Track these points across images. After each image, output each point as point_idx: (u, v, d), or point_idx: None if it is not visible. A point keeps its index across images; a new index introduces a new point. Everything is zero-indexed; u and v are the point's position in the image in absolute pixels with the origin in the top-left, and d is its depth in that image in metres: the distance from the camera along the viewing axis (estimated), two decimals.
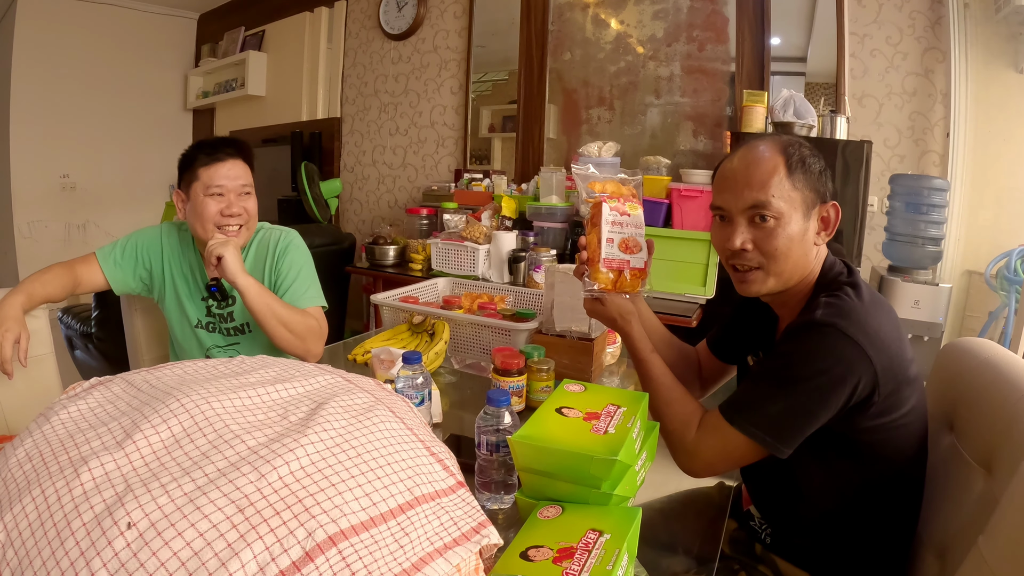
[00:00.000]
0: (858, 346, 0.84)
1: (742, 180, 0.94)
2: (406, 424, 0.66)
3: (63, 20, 4.54)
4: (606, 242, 1.08)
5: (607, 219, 1.09)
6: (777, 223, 0.92)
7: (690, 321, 2.20)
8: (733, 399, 0.92)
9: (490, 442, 0.88)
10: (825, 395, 0.85)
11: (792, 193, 0.92)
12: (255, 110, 4.71)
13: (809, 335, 0.87)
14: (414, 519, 0.55)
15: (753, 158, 0.95)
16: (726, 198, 0.96)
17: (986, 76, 2.36)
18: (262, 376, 0.70)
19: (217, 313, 1.56)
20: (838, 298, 0.90)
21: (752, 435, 0.87)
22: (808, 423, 0.86)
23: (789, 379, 0.87)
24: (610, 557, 0.63)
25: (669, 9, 2.95)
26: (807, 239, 0.94)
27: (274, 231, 1.60)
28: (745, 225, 0.95)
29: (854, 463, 0.92)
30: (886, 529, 0.95)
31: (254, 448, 0.55)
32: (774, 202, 0.91)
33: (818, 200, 0.94)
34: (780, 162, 0.92)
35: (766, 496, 1.06)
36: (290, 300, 1.49)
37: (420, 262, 2.91)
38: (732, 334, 1.20)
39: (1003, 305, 2.23)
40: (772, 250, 0.93)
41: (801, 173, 0.92)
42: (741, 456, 0.90)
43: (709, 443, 0.92)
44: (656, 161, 2.73)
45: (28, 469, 0.56)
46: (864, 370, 0.84)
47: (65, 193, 4.73)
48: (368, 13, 4.00)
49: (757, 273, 0.96)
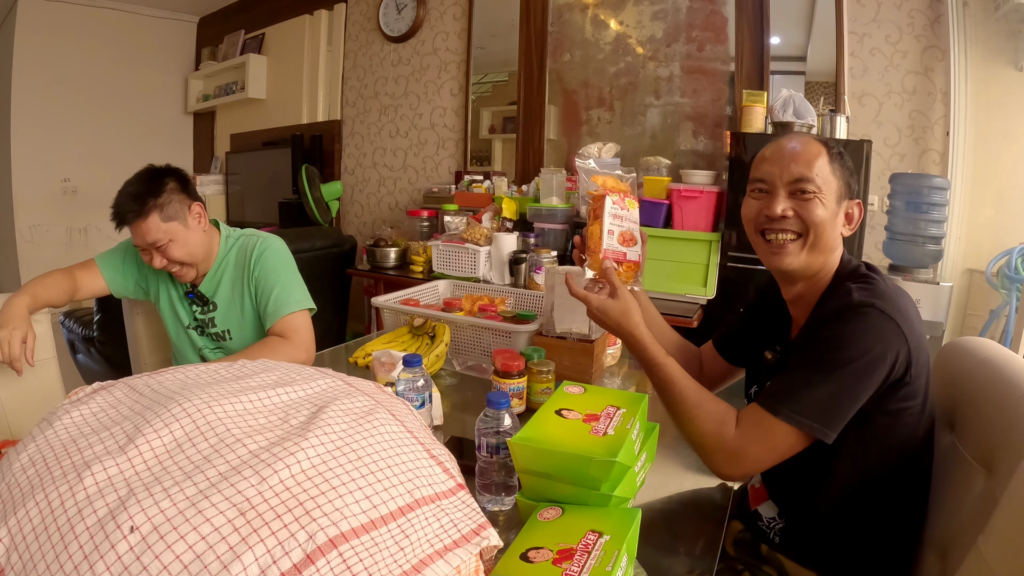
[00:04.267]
0: (896, 325, 0.87)
1: (788, 156, 0.99)
2: (406, 427, 0.67)
3: (63, 25, 4.55)
4: (607, 233, 1.11)
5: (609, 211, 1.12)
6: (817, 197, 0.96)
7: (691, 322, 2.20)
8: (772, 391, 0.92)
9: (490, 444, 0.88)
10: (868, 375, 0.86)
11: (831, 178, 0.97)
12: (255, 113, 4.72)
13: (849, 317, 0.89)
14: (414, 521, 0.56)
15: (800, 141, 1.00)
16: (770, 171, 1.00)
17: (986, 74, 2.36)
18: (263, 380, 0.70)
19: (200, 318, 1.57)
20: (870, 282, 0.94)
21: (799, 424, 0.87)
22: (853, 404, 0.88)
23: (832, 363, 0.87)
24: (609, 558, 0.64)
25: (668, 9, 2.95)
26: (836, 224, 0.99)
27: (251, 238, 1.59)
28: (786, 196, 0.99)
29: (872, 448, 0.93)
30: (893, 525, 0.96)
31: (255, 452, 0.56)
32: (817, 179, 0.96)
33: (848, 194, 0.99)
34: (824, 150, 0.98)
35: (785, 487, 1.05)
36: (275, 309, 1.50)
37: (421, 264, 2.91)
38: (743, 334, 1.21)
39: (1004, 303, 2.23)
40: (812, 218, 0.97)
41: (839, 164, 0.99)
42: (788, 447, 0.90)
43: (753, 438, 0.90)
44: (656, 161, 2.73)
45: (32, 474, 0.56)
46: (901, 348, 0.87)
47: (66, 197, 4.74)
48: (368, 15, 4.00)
49: (794, 244, 0.99)
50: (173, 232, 1.44)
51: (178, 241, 1.45)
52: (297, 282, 1.56)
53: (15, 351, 1.24)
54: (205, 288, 1.55)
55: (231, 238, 1.58)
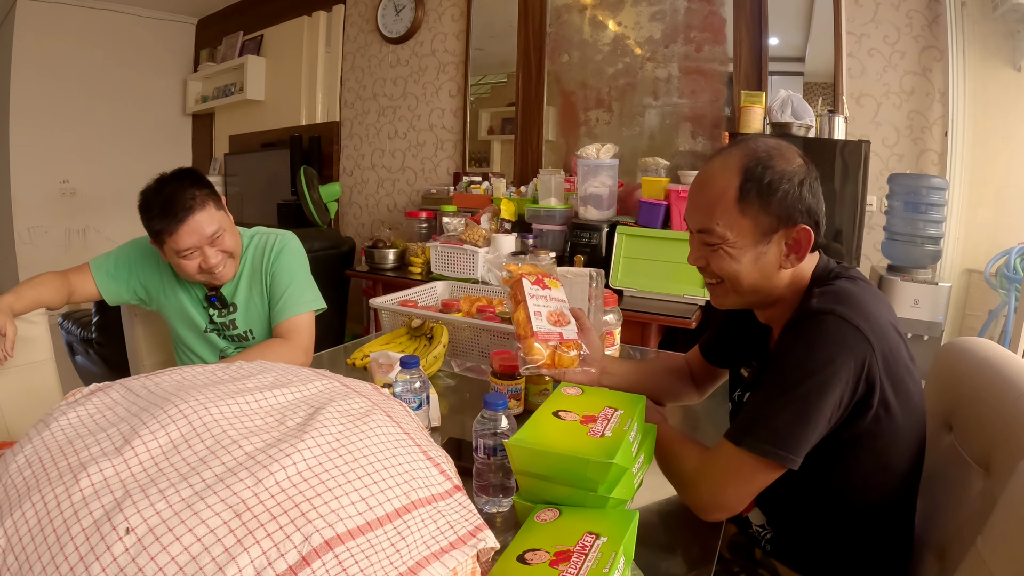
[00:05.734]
0: (859, 331, 0.81)
1: (694, 199, 0.94)
2: (403, 428, 0.67)
3: (62, 26, 4.55)
4: (534, 315, 1.08)
5: (529, 293, 1.10)
6: (722, 248, 0.91)
7: (689, 323, 2.20)
8: (738, 421, 0.88)
9: (487, 446, 0.88)
10: (831, 389, 0.81)
11: (741, 220, 0.88)
12: (254, 114, 4.72)
13: (807, 326, 0.84)
14: (410, 523, 0.55)
15: (705, 178, 0.93)
16: (686, 214, 0.97)
17: (984, 74, 2.36)
18: (260, 381, 0.70)
19: (219, 321, 1.56)
20: (832, 286, 0.88)
21: (765, 453, 0.82)
22: (816, 424, 0.82)
23: (792, 382, 0.82)
24: (607, 560, 0.63)
25: (666, 10, 2.95)
26: (764, 264, 0.91)
27: (269, 236, 1.58)
28: (698, 244, 0.95)
29: (859, 465, 0.90)
30: (886, 532, 0.95)
31: (251, 453, 0.56)
32: (718, 229, 0.90)
33: (780, 225, 0.89)
34: (733, 185, 0.88)
35: (770, 499, 1.05)
36: (285, 306, 1.49)
37: (420, 265, 2.91)
38: (724, 341, 1.19)
39: (1003, 303, 2.23)
40: (719, 271, 0.93)
41: (756, 197, 0.87)
42: (762, 480, 0.85)
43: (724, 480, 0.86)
44: (655, 162, 2.73)
45: (28, 475, 0.56)
46: (869, 356, 0.81)
47: (65, 199, 4.74)
48: (366, 17, 4.00)
49: (720, 287, 0.96)
50: (225, 221, 1.43)
51: (229, 230, 1.45)
52: (309, 282, 1.56)
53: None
54: (225, 290, 1.53)
55: (245, 236, 1.57)
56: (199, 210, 1.36)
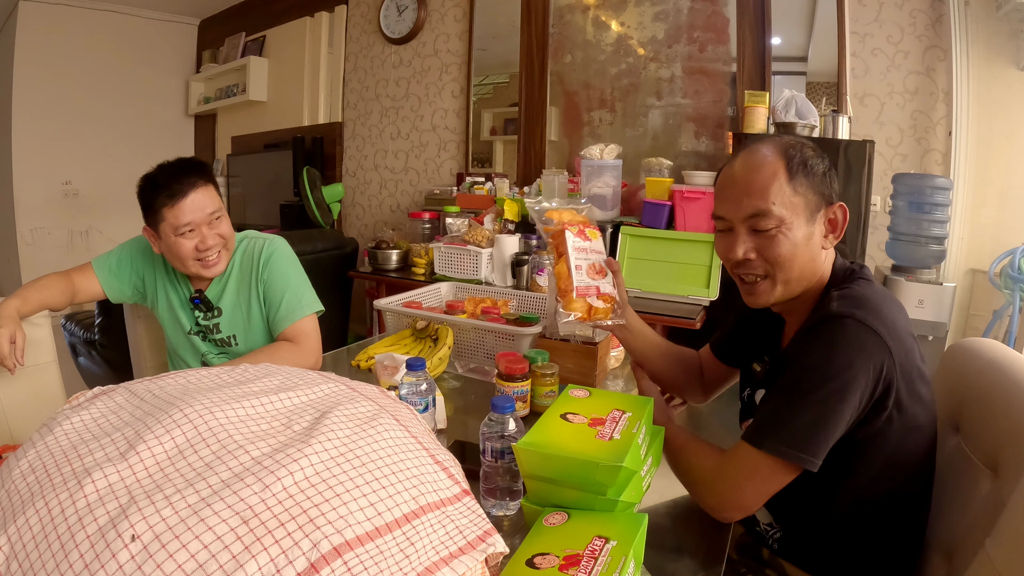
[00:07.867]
0: (878, 335, 0.82)
1: (741, 188, 0.92)
2: (410, 432, 0.66)
3: (64, 27, 4.56)
4: (575, 269, 1.08)
5: (572, 245, 1.09)
6: (779, 230, 0.90)
7: (693, 323, 2.19)
8: (757, 422, 0.88)
9: (495, 449, 0.88)
10: (850, 393, 0.81)
11: (794, 198, 0.90)
12: (256, 115, 4.72)
13: (827, 330, 0.85)
14: (419, 528, 0.55)
15: (752, 164, 0.92)
16: (726, 207, 0.95)
17: (988, 74, 2.35)
18: (265, 385, 0.70)
19: (204, 324, 1.55)
20: (851, 290, 0.89)
21: (784, 455, 0.83)
22: (836, 427, 0.83)
23: (812, 384, 0.83)
24: (616, 564, 0.63)
25: (669, 10, 2.95)
26: (813, 243, 0.92)
27: (257, 240, 1.57)
28: (746, 234, 0.93)
29: (870, 465, 0.90)
30: (896, 533, 0.94)
31: (258, 459, 0.55)
32: (775, 209, 0.89)
33: (823, 203, 0.92)
34: (780, 166, 0.90)
35: (778, 498, 1.04)
36: (286, 314, 1.49)
37: (423, 266, 2.90)
38: (736, 339, 1.19)
39: (1007, 303, 2.22)
40: (776, 257, 0.91)
41: (803, 176, 0.90)
42: (780, 480, 0.85)
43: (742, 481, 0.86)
44: (658, 163, 2.73)
45: (32, 481, 0.55)
46: (886, 360, 0.82)
47: (67, 200, 4.75)
48: (368, 17, 4.00)
49: (764, 283, 0.94)
50: (223, 208, 1.47)
51: (226, 218, 1.47)
52: (305, 285, 1.55)
53: (3, 350, 1.24)
54: (211, 293, 1.53)
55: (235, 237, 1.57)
56: (201, 187, 1.41)
